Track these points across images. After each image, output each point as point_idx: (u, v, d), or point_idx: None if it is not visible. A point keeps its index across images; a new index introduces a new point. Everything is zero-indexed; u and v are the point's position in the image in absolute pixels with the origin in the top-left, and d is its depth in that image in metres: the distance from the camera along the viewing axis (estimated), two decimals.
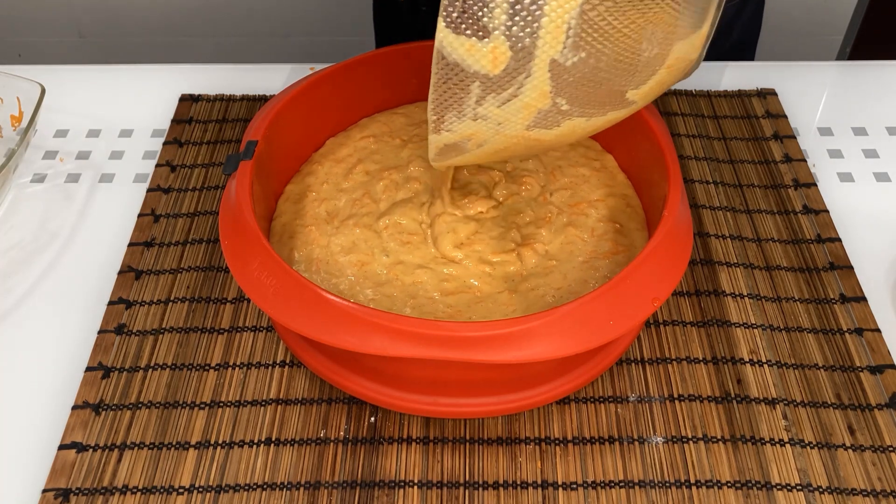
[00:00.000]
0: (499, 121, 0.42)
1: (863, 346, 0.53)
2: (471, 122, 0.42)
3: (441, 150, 0.45)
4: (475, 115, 0.41)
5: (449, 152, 0.45)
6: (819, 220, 0.61)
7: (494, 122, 0.42)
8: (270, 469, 0.48)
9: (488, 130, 0.42)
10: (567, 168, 0.59)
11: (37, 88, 0.63)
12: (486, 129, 0.42)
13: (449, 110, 0.41)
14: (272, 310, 0.44)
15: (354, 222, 0.55)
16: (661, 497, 0.46)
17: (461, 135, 0.43)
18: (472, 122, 0.42)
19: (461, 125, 0.42)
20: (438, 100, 0.41)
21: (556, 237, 0.54)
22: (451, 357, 0.42)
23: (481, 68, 0.39)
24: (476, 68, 0.39)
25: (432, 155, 0.46)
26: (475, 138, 0.43)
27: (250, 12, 1.60)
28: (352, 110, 0.63)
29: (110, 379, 0.52)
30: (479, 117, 0.41)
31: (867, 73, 0.77)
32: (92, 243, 0.61)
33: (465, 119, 0.42)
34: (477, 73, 0.39)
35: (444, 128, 0.43)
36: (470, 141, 0.44)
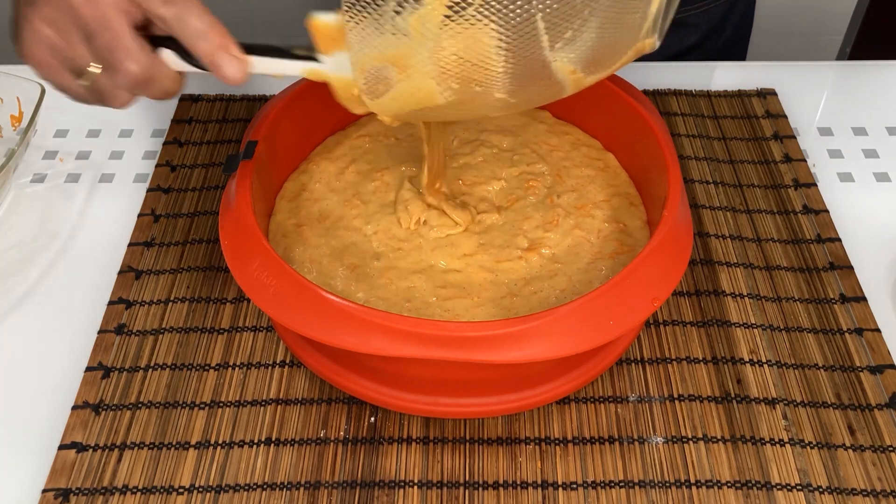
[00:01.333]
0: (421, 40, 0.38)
1: (863, 346, 0.53)
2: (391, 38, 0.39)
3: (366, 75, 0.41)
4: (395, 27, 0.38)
5: (376, 81, 0.42)
6: (819, 220, 0.61)
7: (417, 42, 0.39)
8: (270, 469, 0.48)
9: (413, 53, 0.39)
10: (572, 169, 0.59)
11: (37, 88, 0.63)
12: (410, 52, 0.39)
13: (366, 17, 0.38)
14: (272, 310, 0.44)
15: (345, 225, 0.55)
16: (661, 497, 0.47)
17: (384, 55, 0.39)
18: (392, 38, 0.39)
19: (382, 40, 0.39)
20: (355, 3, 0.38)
21: (564, 240, 0.54)
22: (451, 357, 0.42)
23: None
24: None
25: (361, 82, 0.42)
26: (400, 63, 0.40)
27: (250, 12, 1.60)
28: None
29: (110, 379, 0.52)
30: (398, 31, 0.38)
31: (867, 73, 0.77)
32: (92, 243, 0.61)
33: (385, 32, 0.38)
34: None
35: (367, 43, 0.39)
36: (395, 67, 0.40)
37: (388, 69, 0.41)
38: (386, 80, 0.42)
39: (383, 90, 0.42)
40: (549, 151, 0.60)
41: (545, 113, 0.64)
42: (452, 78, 0.41)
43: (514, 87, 0.42)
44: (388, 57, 0.40)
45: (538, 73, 0.41)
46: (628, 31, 0.42)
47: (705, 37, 0.83)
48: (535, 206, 0.56)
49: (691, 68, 0.76)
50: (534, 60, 0.40)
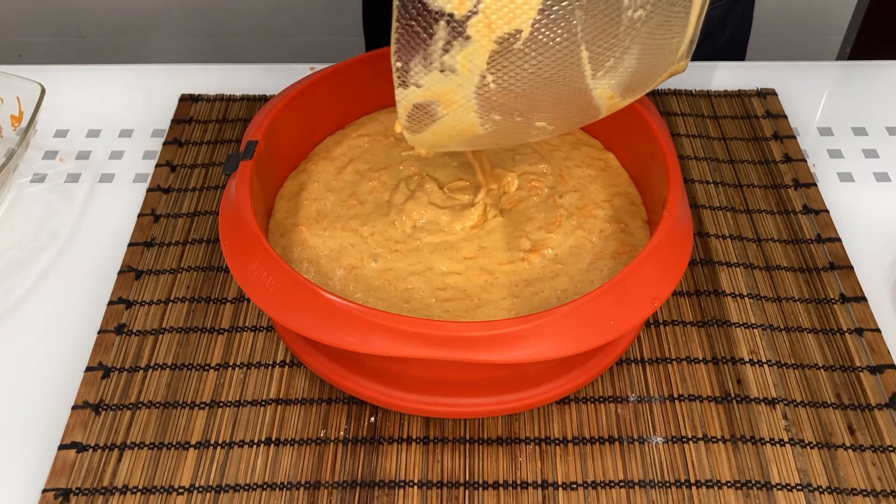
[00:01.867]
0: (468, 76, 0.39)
1: (863, 346, 0.53)
2: (439, 76, 0.39)
3: (410, 112, 0.42)
4: (443, 65, 0.38)
5: (420, 117, 0.42)
6: (819, 220, 0.61)
7: (464, 77, 0.39)
8: (270, 469, 0.48)
9: (459, 88, 0.39)
10: (574, 169, 0.59)
11: (37, 88, 0.63)
12: (457, 87, 0.39)
13: (414, 57, 0.38)
14: (272, 310, 0.44)
15: (342, 225, 0.55)
16: (661, 497, 0.47)
17: (430, 92, 0.40)
18: (440, 76, 0.39)
19: (429, 78, 0.39)
20: (401, 42, 0.38)
21: (566, 240, 0.54)
22: (451, 357, 0.42)
23: (446, 5, 0.36)
24: (441, 5, 0.36)
25: (403, 119, 0.42)
26: (445, 98, 0.40)
27: (250, 12, 1.60)
28: (351, 110, 0.63)
29: (110, 379, 0.52)
30: (446, 69, 0.38)
31: (867, 73, 0.77)
32: (92, 243, 0.61)
33: (433, 70, 0.39)
34: (442, 10, 0.36)
35: (411, 80, 0.39)
36: (440, 103, 0.41)
37: (432, 105, 0.41)
38: (429, 115, 0.42)
39: (425, 126, 0.43)
40: (551, 151, 0.60)
41: None
42: (495, 110, 0.41)
43: (554, 115, 0.42)
44: (433, 94, 0.40)
45: (579, 101, 0.42)
46: (666, 55, 0.42)
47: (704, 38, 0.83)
48: (537, 207, 0.56)
49: (691, 68, 0.76)
50: (576, 89, 0.41)
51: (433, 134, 0.44)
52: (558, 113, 0.43)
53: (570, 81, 0.40)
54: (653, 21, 0.40)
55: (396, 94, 0.41)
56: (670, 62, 0.43)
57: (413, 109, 0.42)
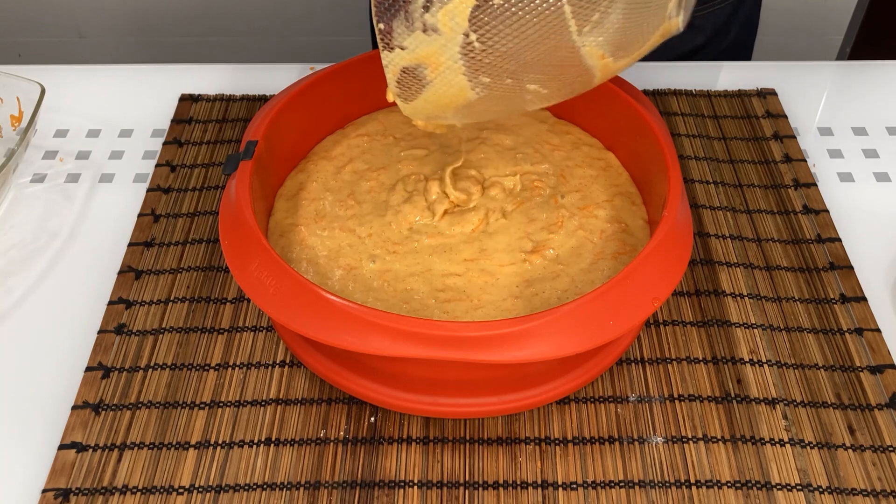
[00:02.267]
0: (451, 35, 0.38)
1: (863, 346, 0.53)
2: (422, 36, 0.39)
3: (399, 78, 0.41)
4: (424, 24, 0.38)
5: (409, 83, 0.42)
6: (819, 220, 0.61)
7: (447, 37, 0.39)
8: (270, 469, 0.48)
9: (444, 49, 0.39)
10: (575, 169, 0.59)
11: (37, 88, 0.63)
12: (441, 48, 0.39)
13: (396, 17, 0.38)
14: (272, 310, 0.44)
15: (340, 226, 0.55)
16: (661, 497, 0.47)
17: (415, 54, 0.40)
18: (423, 36, 0.39)
19: (412, 39, 0.39)
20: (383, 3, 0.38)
21: (568, 241, 0.54)
22: (451, 357, 0.42)
23: None
24: None
25: (392, 85, 0.42)
26: (431, 60, 0.40)
27: (250, 12, 1.60)
28: (352, 110, 0.63)
29: (110, 379, 0.52)
30: (429, 28, 0.38)
31: (867, 73, 0.77)
32: (92, 243, 0.61)
33: (416, 30, 0.38)
34: None
35: (395, 42, 0.39)
36: (427, 66, 0.40)
37: (419, 69, 0.41)
38: (418, 80, 0.42)
39: (416, 92, 0.43)
40: (552, 151, 0.60)
41: (545, 112, 0.64)
42: (483, 71, 0.41)
43: (545, 77, 0.42)
44: (418, 56, 0.40)
45: (568, 60, 0.41)
46: (654, 10, 0.41)
47: (710, 39, 0.83)
48: (540, 207, 0.56)
49: (691, 68, 0.76)
50: (563, 46, 0.40)
51: (425, 102, 0.43)
52: (549, 74, 0.42)
53: (555, 38, 0.40)
54: None
55: (383, 57, 0.41)
56: (660, 18, 0.42)
57: (401, 74, 0.41)
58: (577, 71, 0.43)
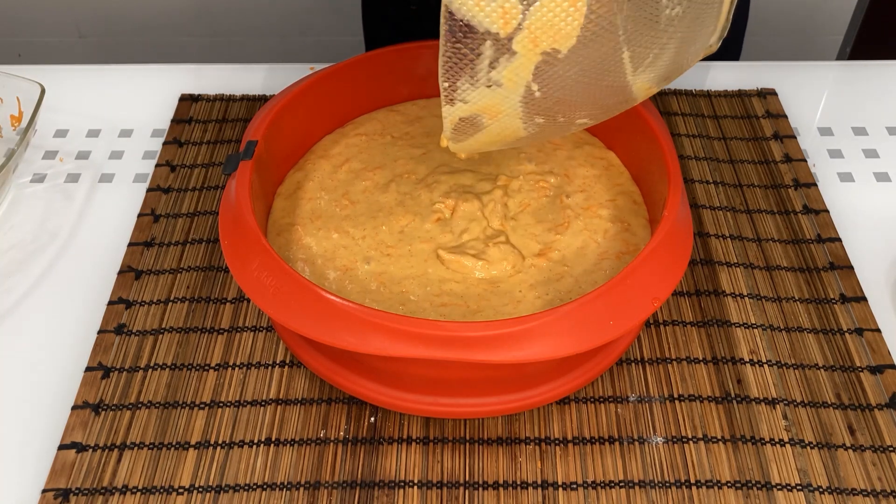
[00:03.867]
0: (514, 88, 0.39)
1: (863, 346, 0.53)
2: (485, 91, 0.40)
3: (456, 125, 0.43)
4: (489, 80, 0.39)
5: (465, 129, 0.43)
6: (819, 220, 0.61)
7: (509, 90, 0.40)
8: (270, 469, 0.48)
9: (505, 100, 0.40)
10: (578, 168, 0.59)
11: (37, 88, 0.63)
12: (502, 99, 0.40)
13: (461, 76, 0.39)
14: (272, 310, 0.44)
15: (335, 226, 0.55)
16: (661, 497, 0.46)
17: (476, 106, 0.41)
18: (486, 91, 0.40)
19: (475, 94, 0.40)
20: (448, 64, 0.39)
21: (574, 242, 0.54)
22: (451, 357, 0.42)
23: (492, 25, 0.37)
24: (486, 26, 0.37)
25: (448, 132, 0.43)
26: (490, 110, 0.41)
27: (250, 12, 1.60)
28: (351, 110, 0.63)
29: (110, 379, 0.52)
30: (493, 83, 0.39)
31: (867, 73, 0.77)
32: (92, 243, 0.61)
33: (479, 86, 0.39)
34: (488, 31, 0.37)
35: (458, 97, 0.40)
36: (486, 115, 0.41)
37: (478, 117, 0.42)
38: (475, 126, 0.43)
39: (470, 135, 0.44)
40: (553, 150, 0.60)
41: None
42: (539, 115, 0.42)
43: (595, 112, 0.43)
44: (479, 108, 0.41)
45: (619, 96, 0.43)
46: (701, 43, 0.43)
47: None
48: (546, 208, 0.56)
49: (691, 68, 0.75)
50: (617, 86, 0.41)
51: (476, 141, 0.45)
52: (599, 109, 0.43)
53: (611, 81, 0.41)
54: (688, 16, 0.40)
55: (443, 111, 0.42)
56: (703, 48, 0.44)
57: (459, 122, 0.42)
58: (624, 100, 0.44)
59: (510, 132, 0.44)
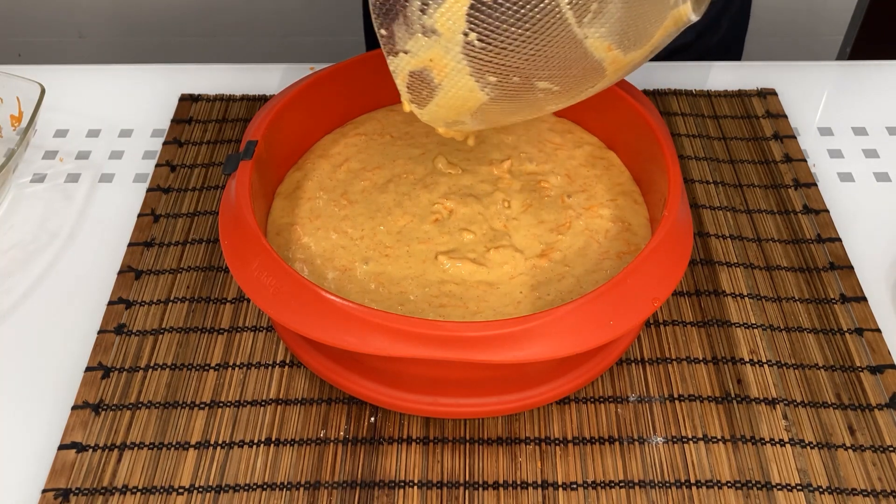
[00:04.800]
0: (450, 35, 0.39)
1: (863, 346, 0.53)
2: (423, 39, 0.39)
3: (409, 83, 0.42)
4: (423, 27, 0.38)
5: (419, 87, 0.42)
6: (819, 220, 0.61)
7: (447, 39, 0.39)
8: (270, 469, 0.48)
9: (446, 52, 0.39)
10: (579, 168, 0.59)
11: (37, 88, 0.63)
12: (444, 50, 0.39)
13: (395, 20, 0.38)
14: (272, 310, 0.44)
15: (333, 226, 0.55)
16: (661, 497, 0.46)
17: (419, 58, 0.40)
18: (424, 40, 0.39)
19: (413, 43, 0.39)
20: (380, 7, 0.38)
21: (575, 242, 0.54)
22: (451, 357, 0.42)
23: None
24: None
25: (403, 91, 0.43)
26: (435, 64, 0.40)
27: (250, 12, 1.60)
28: (351, 110, 0.63)
29: (110, 379, 0.52)
30: (427, 30, 0.39)
31: (867, 73, 0.77)
32: (92, 243, 0.61)
33: (416, 33, 0.39)
34: None
35: (398, 46, 0.40)
36: (433, 70, 0.41)
37: (426, 72, 0.41)
38: (427, 84, 0.42)
39: (428, 97, 0.43)
40: (554, 150, 0.60)
41: None
42: (488, 70, 0.41)
43: (553, 73, 0.41)
44: (422, 59, 0.41)
45: (573, 54, 0.41)
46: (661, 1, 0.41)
47: (700, 34, 0.83)
48: (548, 209, 0.56)
49: (691, 68, 0.76)
50: (564, 39, 0.40)
51: (438, 107, 0.44)
52: (556, 70, 0.42)
53: (555, 31, 0.39)
54: None
55: (389, 64, 0.41)
56: (664, 6, 0.41)
57: (410, 79, 0.42)
58: (586, 65, 0.42)
59: (466, 93, 0.42)
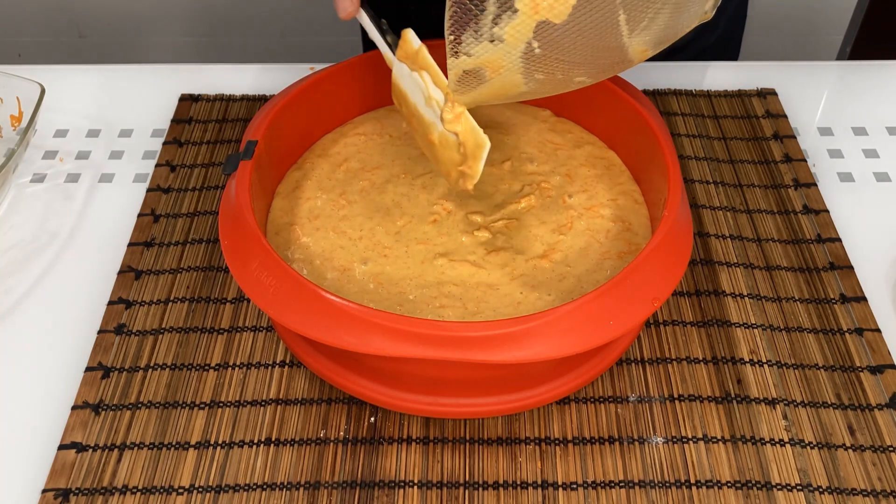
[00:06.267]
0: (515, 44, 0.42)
1: (863, 346, 0.53)
2: (488, 45, 0.42)
3: (460, 77, 0.45)
4: (492, 35, 0.41)
5: (468, 81, 0.45)
6: (819, 220, 0.61)
7: (511, 46, 0.42)
8: (270, 469, 0.48)
9: (506, 56, 0.42)
10: (579, 168, 0.59)
11: (37, 88, 0.63)
12: (504, 55, 0.42)
13: (465, 30, 0.41)
14: (272, 310, 0.44)
15: (332, 226, 0.55)
16: (661, 497, 0.47)
17: (480, 60, 0.43)
18: (489, 46, 0.42)
19: (479, 48, 0.42)
20: (455, 17, 0.41)
21: (576, 242, 0.54)
22: (451, 357, 0.42)
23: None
24: None
25: (452, 84, 0.46)
26: (493, 65, 0.43)
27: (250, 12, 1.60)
28: (351, 110, 0.63)
29: (110, 379, 0.52)
30: (495, 39, 0.41)
31: (867, 73, 0.77)
32: (92, 243, 0.61)
33: (482, 40, 0.42)
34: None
35: (462, 50, 0.43)
36: (488, 69, 0.44)
37: (481, 70, 0.44)
38: (478, 79, 0.45)
39: (473, 88, 0.46)
40: (554, 150, 0.60)
41: (546, 111, 0.64)
42: (539, 71, 0.44)
43: (593, 71, 0.45)
44: (482, 61, 0.43)
45: (615, 56, 0.45)
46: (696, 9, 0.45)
47: (698, 34, 0.83)
48: (549, 209, 0.56)
49: (691, 68, 0.76)
50: (614, 47, 0.44)
51: (479, 94, 0.47)
52: (596, 68, 0.45)
53: (608, 42, 0.43)
54: None
55: (448, 63, 0.44)
56: (698, 15, 0.46)
57: (463, 75, 0.45)
58: (620, 61, 0.46)
59: (511, 86, 0.45)
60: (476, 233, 0.54)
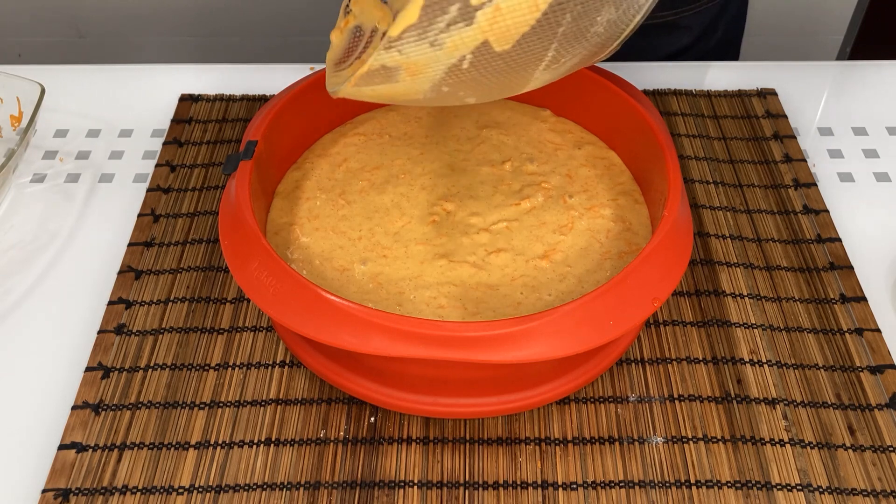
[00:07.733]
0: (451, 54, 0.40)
1: (863, 346, 0.53)
2: (426, 48, 0.40)
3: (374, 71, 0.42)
4: (435, 40, 0.39)
5: (377, 78, 0.42)
6: (819, 220, 0.61)
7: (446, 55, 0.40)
8: (270, 469, 0.48)
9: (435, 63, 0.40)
10: (579, 168, 0.59)
11: (37, 88, 0.63)
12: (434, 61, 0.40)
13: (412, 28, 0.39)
14: (272, 310, 0.44)
15: (331, 226, 0.55)
16: (661, 497, 0.47)
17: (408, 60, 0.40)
18: (427, 48, 0.40)
19: (415, 48, 0.40)
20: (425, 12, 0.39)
21: (577, 242, 0.54)
22: (451, 357, 0.42)
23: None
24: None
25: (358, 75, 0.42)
26: (415, 68, 0.41)
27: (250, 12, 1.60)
28: (351, 110, 0.63)
29: (110, 379, 0.52)
30: (437, 44, 0.39)
31: (867, 73, 0.77)
32: (92, 243, 0.61)
33: (424, 42, 0.39)
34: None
35: (397, 46, 0.40)
36: (407, 71, 0.41)
37: (398, 71, 0.42)
38: (388, 78, 0.42)
39: (374, 84, 0.43)
40: (554, 150, 0.60)
41: (545, 111, 0.64)
42: (449, 85, 0.42)
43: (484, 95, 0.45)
44: (409, 62, 0.41)
45: (514, 85, 0.44)
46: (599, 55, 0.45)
47: (698, 38, 0.83)
48: (550, 210, 0.56)
49: (691, 68, 0.76)
50: (521, 78, 0.43)
51: (374, 91, 0.44)
52: (493, 92, 0.45)
53: (526, 71, 0.43)
54: (605, 35, 0.43)
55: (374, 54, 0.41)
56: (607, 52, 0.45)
57: (378, 69, 0.42)
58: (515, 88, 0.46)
59: (413, 92, 0.44)
60: (475, 235, 0.54)
